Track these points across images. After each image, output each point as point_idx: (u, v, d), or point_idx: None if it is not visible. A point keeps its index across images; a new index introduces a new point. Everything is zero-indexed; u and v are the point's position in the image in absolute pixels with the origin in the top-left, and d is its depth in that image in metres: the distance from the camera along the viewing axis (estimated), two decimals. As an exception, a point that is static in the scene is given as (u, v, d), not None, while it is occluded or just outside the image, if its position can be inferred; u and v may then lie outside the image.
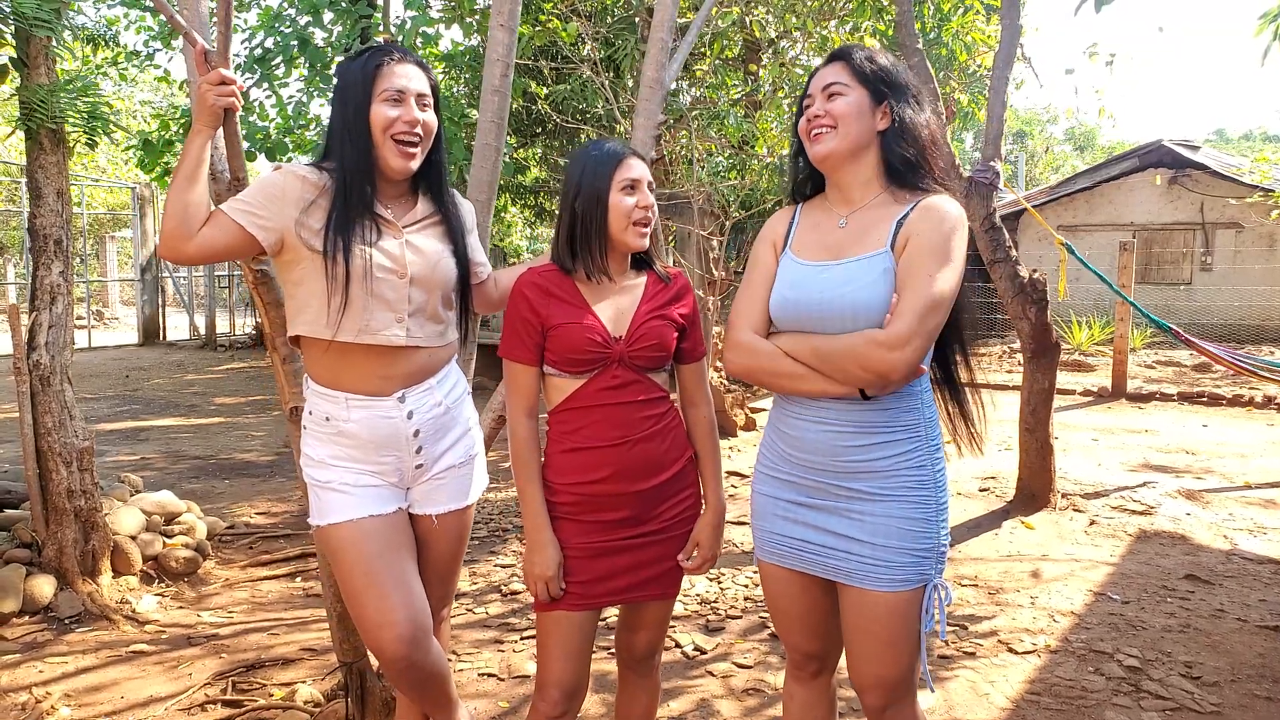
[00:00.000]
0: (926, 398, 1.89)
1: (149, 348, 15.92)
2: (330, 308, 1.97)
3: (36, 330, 3.80)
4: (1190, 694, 3.10)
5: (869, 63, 1.84)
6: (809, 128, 1.86)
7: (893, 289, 1.76)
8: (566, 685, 2.02)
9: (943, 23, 8.32)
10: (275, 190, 1.97)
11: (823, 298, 1.81)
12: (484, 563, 4.53)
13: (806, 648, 2.01)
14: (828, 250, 1.87)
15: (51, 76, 3.81)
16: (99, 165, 21.28)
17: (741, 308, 1.94)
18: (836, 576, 1.88)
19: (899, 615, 1.83)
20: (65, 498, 3.82)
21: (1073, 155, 37.22)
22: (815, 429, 1.86)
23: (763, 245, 1.98)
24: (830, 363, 1.78)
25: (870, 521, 1.83)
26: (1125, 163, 15.56)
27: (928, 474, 1.85)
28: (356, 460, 2.08)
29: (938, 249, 1.74)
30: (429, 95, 2.04)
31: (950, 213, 1.78)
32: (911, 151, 1.82)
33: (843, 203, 1.90)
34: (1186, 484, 6.02)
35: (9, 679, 3.20)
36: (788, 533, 1.93)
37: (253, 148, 7.72)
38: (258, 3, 8.80)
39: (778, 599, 2.00)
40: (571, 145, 11.40)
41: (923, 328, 1.70)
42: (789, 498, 1.92)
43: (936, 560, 1.85)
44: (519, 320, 2.00)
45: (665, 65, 2.77)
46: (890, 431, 1.83)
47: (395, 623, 2.03)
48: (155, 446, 7.46)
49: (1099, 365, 11.78)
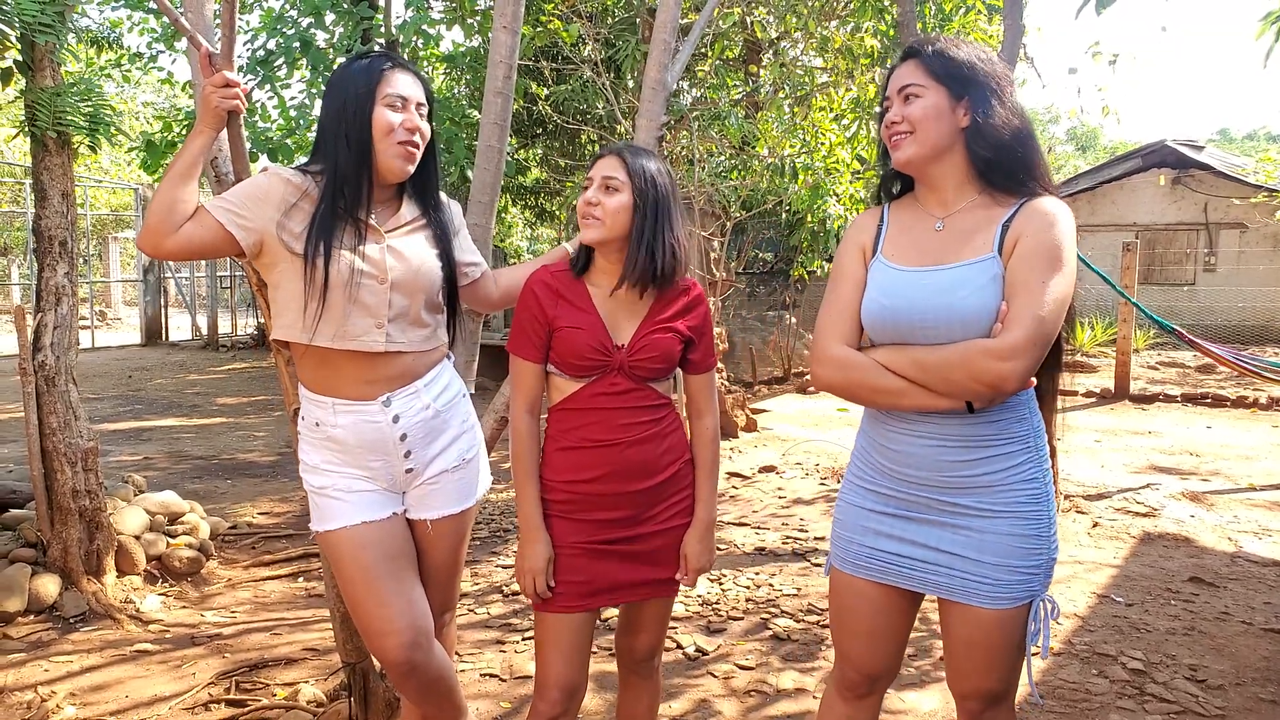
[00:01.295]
0: (1034, 406, 1.79)
1: (152, 348, 15.94)
2: (307, 312, 1.96)
3: (41, 331, 3.81)
4: (1195, 697, 3.09)
5: (943, 58, 1.72)
6: (888, 133, 1.78)
7: (1001, 296, 1.66)
8: (565, 685, 2.02)
9: (945, 23, 8.30)
10: (259, 192, 1.96)
11: (924, 305, 1.70)
12: (485, 563, 4.53)
13: (868, 667, 1.91)
14: (926, 255, 1.76)
15: (56, 79, 3.82)
16: (102, 167, 21.33)
17: (830, 318, 1.82)
18: (937, 592, 1.80)
19: (1004, 631, 1.75)
20: (70, 497, 3.83)
21: (1075, 155, 37.19)
22: (918, 443, 1.76)
23: (849, 250, 1.85)
24: (936, 375, 1.67)
25: (979, 538, 1.74)
26: (1128, 163, 15.57)
27: (1039, 487, 1.76)
28: (347, 465, 2.08)
29: (1050, 254, 1.64)
30: (426, 105, 2.05)
31: (1060, 215, 1.68)
32: (991, 150, 1.70)
33: (937, 204, 1.79)
34: (1191, 486, 6.02)
35: (14, 678, 3.21)
36: (877, 545, 1.84)
37: (255, 149, 7.74)
38: (260, 4, 8.82)
39: (848, 611, 1.91)
40: (572, 146, 11.41)
41: (1038, 336, 1.59)
42: (882, 510, 1.84)
43: (1045, 575, 1.77)
44: (527, 317, 2.01)
45: (668, 66, 2.77)
46: (1000, 444, 1.73)
47: (396, 630, 2.03)
48: (158, 446, 7.47)
49: (1102, 366, 11.77)
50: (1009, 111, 1.72)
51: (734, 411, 7.88)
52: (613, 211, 1.94)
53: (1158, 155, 15.07)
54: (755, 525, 5.16)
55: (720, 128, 8.20)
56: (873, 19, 7.95)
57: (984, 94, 1.71)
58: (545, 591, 2.01)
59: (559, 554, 2.02)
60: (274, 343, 2.41)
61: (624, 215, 1.95)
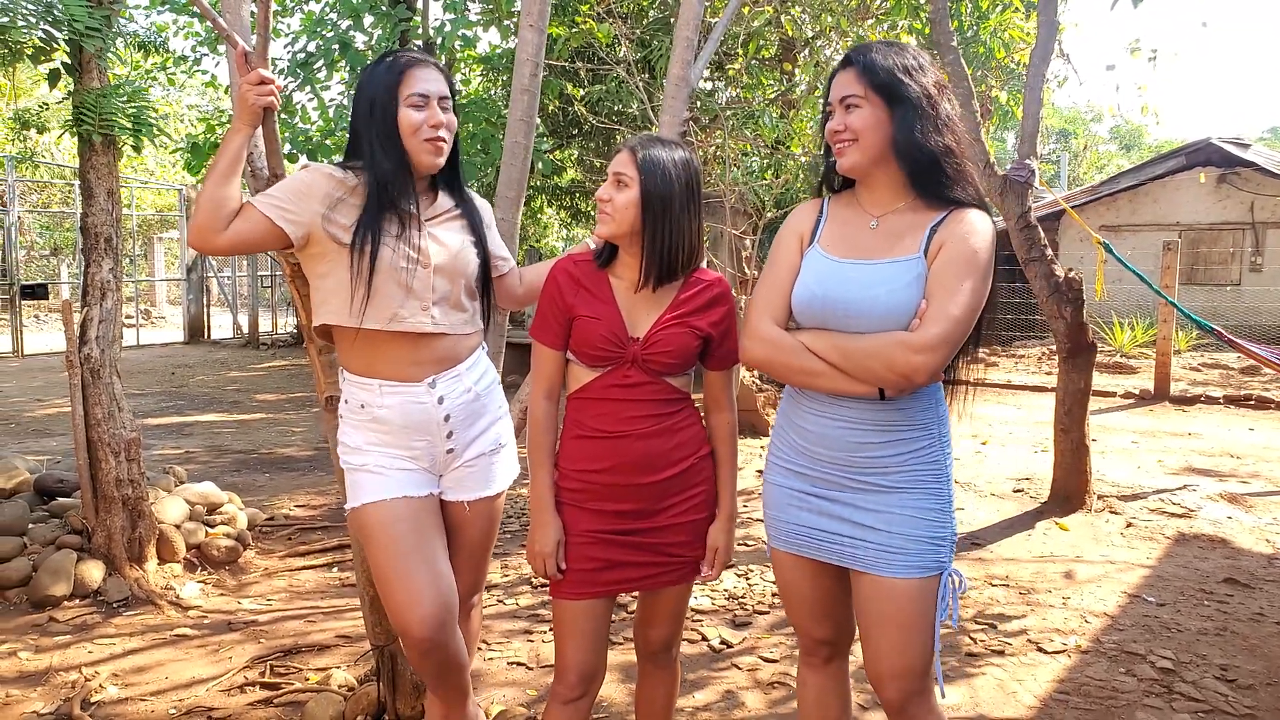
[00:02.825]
0: (939, 396, 1.93)
1: (194, 345, 16.27)
2: (354, 298, 2.05)
3: (87, 325, 3.93)
4: (1224, 696, 3.06)
5: (877, 70, 1.80)
6: (832, 139, 1.87)
7: (922, 294, 1.78)
8: (583, 670, 2.06)
9: (980, 20, 8.25)
10: (304, 187, 2.06)
11: (851, 295, 1.81)
12: (516, 555, 4.59)
13: (818, 633, 2.04)
14: (858, 249, 1.87)
15: (103, 81, 3.94)
16: (147, 168, 21.79)
17: (763, 298, 1.93)
18: (853, 564, 1.90)
19: (915, 602, 1.85)
20: (114, 486, 3.95)
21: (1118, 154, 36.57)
22: (831, 425, 1.88)
23: (787, 236, 1.98)
24: (854, 362, 1.78)
25: (885, 511, 1.86)
26: (1171, 161, 15.27)
27: (940, 468, 1.89)
28: (390, 445, 2.15)
29: (971, 260, 1.76)
30: (449, 98, 2.12)
31: (982, 226, 1.79)
32: (919, 162, 1.80)
33: (874, 204, 1.90)
34: (1229, 488, 5.92)
35: (60, 659, 3.33)
36: (801, 521, 1.95)
37: (295, 150, 7.89)
38: (301, 7, 8.99)
39: (790, 586, 2.04)
40: (608, 146, 11.47)
41: (952, 335, 1.72)
42: (801, 488, 1.95)
43: (949, 548, 1.89)
44: (548, 303, 2.07)
45: (690, 64, 2.80)
46: (906, 429, 1.86)
47: (422, 603, 2.08)
48: (199, 441, 7.64)
49: (1142, 367, 11.59)
50: (938, 125, 1.81)
51: (764, 410, 7.88)
52: (621, 207, 1.99)
53: (1202, 153, 14.76)
54: (784, 522, 5.16)
55: (754, 127, 8.20)
56: (907, 17, 7.91)
57: (913, 108, 1.79)
58: (555, 573, 2.06)
59: (571, 541, 2.06)
60: (309, 332, 2.49)
61: (632, 210, 1.98)
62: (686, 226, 2.02)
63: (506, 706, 2.99)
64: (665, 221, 1.99)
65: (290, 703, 2.99)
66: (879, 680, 1.91)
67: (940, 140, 1.80)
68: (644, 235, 2.00)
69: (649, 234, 1.99)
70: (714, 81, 10.03)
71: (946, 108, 1.83)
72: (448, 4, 7.93)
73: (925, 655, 1.88)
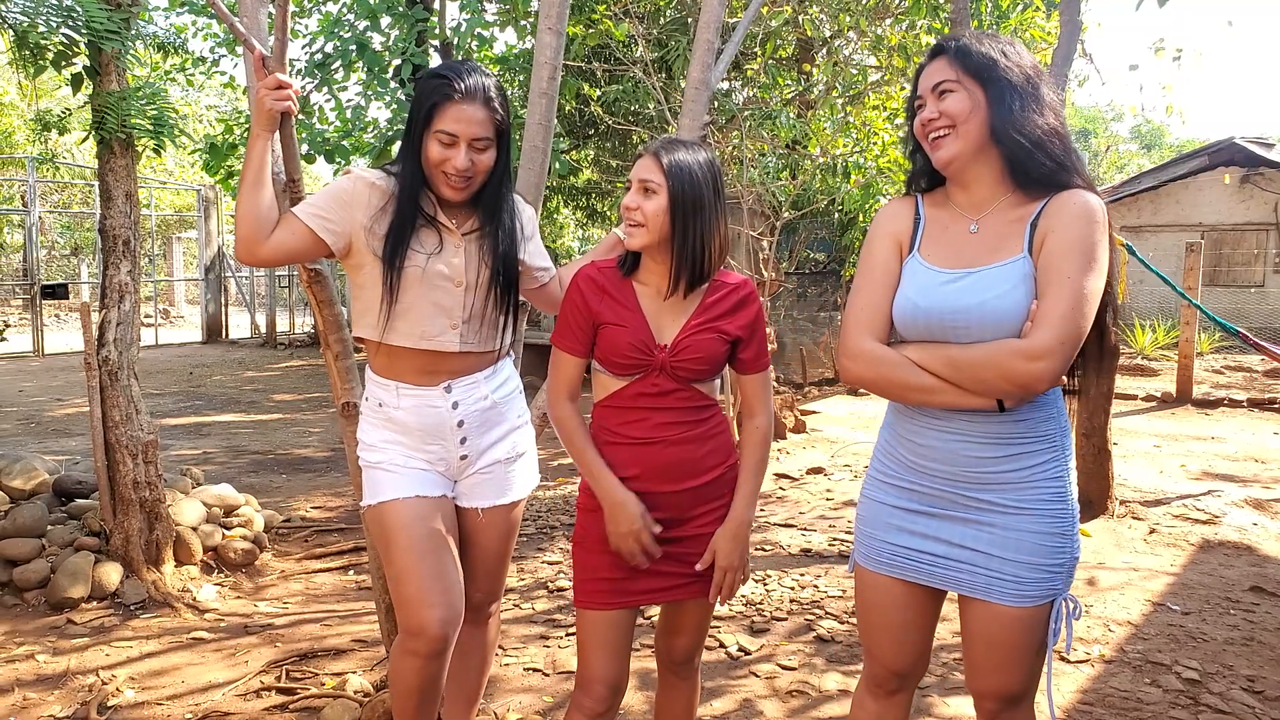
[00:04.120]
0: (1061, 405, 1.80)
1: (212, 345, 16.37)
2: (381, 311, 2.05)
3: (106, 327, 3.94)
4: (1251, 708, 3.01)
5: (971, 54, 1.70)
6: (925, 131, 1.75)
7: (1032, 295, 1.66)
8: (608, 681, 2.03)
9: (1001, 20, 8.17)
10: (345, 195, 2.05)
11: (957, 306, 1.71)
12: (532, 559, 4.58)
13: (895, 664, 1.91)
14: (961, 257, 1.75)
15: (122, 84, 3.95)
16: (167, 168, 21.95)
17: (861, 312, 1.81)
18: (959, 589, 1.80)
19: (1026, 629, 1.75)
20: (131, 489, 3.95)
21: (1139, 154, 36.25)
22: (946, 439, 1.76)
23: (883, 242, 1.84)
24: (967, 374, 1.68)
25: (1002, 534, 1.74)
26: (1194, 161, 15.12)
27: (1064, 485, 1.75)
28: (406, 445, 2.16)
29: (1077, 247, 1.63)
30: (487, 138, 2.03)
31: (1088, 205, 1.66)
32: (1023, 147, 1.68)
33: (971, 206, 1.78)
34: (1254, 493, 5.83)
35: (78, 661, 3.33)
36: (901, 542, 1.84)
37: (313, 151, 7.91)
38: (319, 8, 9.01)
39: (875, 609, 1.90)
40: (624, 147, 11.46)
41: (1068, 334, 1.59)
42: (907, 506, 1.84)
43: (1068, 574, 1.77)
44: (571, 311, 2.03)
45: (711, 66, 2.78)
46: (1028, 442, 1.73)
47: (439, 605, 2.07)
48: (216, 441, 7.67)
49: (1164, 370, 11.46)
50: (1041, 106, 1.70)
51: (783, 413, 7.84)
52: (653, 215, 1.94)
53: (1225, 153, 14.60)
54: (802, 527, 5.13)
55: (772, 127, 8.16)
56: (926, 16, 7.85)
57: (1014, 90, 1.68)
58: (653, 546, 1.98)
59: (597, 548, 2.03)
60: (325, 338, 2.48)
61: (663, 218, 1.94)
62: (715, 229, 1.98)
63: (522, 713, 2.98)
64: (695, 226, 1.94)
65: (306, 708, 2.98)
66: (978, 695, 1.84)
67: (1045, 121, 1.69)
68: (673, 241, 1.95)
69: (679, 240, 1.94)
70: (731, 81, 9.99)
71: (1047, 91, 1.72)
72: (464, 4, 7.92)
73: (1031, 678, 1.80)
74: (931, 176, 1.85)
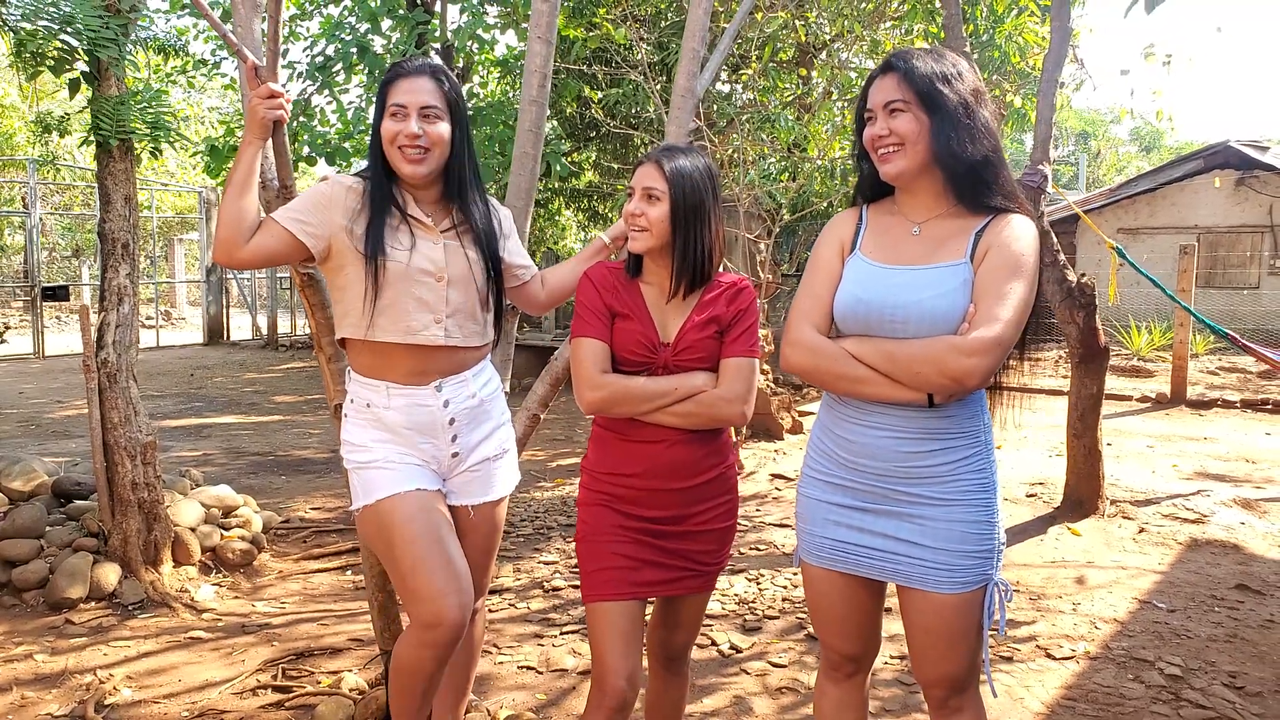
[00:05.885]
0: (984, 404, 1.92)
1: (213, 347, 16.43)
2: (364, 308, 2.09)
3: (104, 330, 3.99)
4: (1231, 703, 3.05)
5: (919, 76, 1.79)
6: (874, 145, 1.84)
7: (969, 299, 1.77)
8: (626, 674, 2.02)
9: (996, 24, 8.23)
10: (323, 199, 2.11)
11: (896, 300, 1.80)
12: (529, 559, 4.62)
13: (846, 650, 2.02)
14: (902, 255, 1.86)
15: (121, 88, 4.00)
16: (168, 170, 22.00)
17: (803, 305, 1.91)
18: (895, 579, 1.89)
19: (963, 615, 1.85)
20: (130, 490, 4.00)
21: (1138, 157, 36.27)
22: (875, 434, 1.85)
23: (827, 245, 1.95)
24: (903, 367, 1.76)
25: (933, 526, 1.84)
26: (1189, 164, 15.14)
27: (987, 477, 1.87)
28: (397, 444, 2.19)
29: (1017, 262, 1.75)
30: (436, 106, 2.09)
31: (1027, 231, 1.79)
32: (961, 168, 1.79)
33: (915, 211, 1.89)
34: (1244, 493, 5.87)
35: (76, 661, 3.38)
36: (837, 536, 1.93)
37: (314, 153, 7.95)
38: (319, 11, 9.06)
39: (821, 601, 2.00)
40: (625, 149, 11.50)
41: (1004, 336, 1.71)
42: (840, 501, 1.92)
43: (996, 559, 1.88)
44: (588, 303, 2.09)
45: (696, 75, 2.82)
46: (954, 437, 1.84)
47: (452, 590, 2.08)
48: (217, 443, 7.72)
49: (1159, 371, 11.50)
50: (974, 134, 1.79)
51: (779, 413, 7.88)
52: (656, 220, 2.02)
53: (1220, 156, 14.63)
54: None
55: (770, 130, 8.21)
56: (923, 21, 7.91)
57: (954, 119, 1.78)
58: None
59: (604, 539, 2.08)
60: (319, 340, 2.53)
61: (666, 223, 2.03)
62: (714, 233, 2.07)
63: (516, 711, 3.02)
64: (696, 231, 2.03)
65: (301, 706, 3.02)
66: (926, 684, 1.94)
67: (977, 150, 1.79)
68: (675, 245, 2.04)
69: (680, 244, 2.03)
70: (730, 84, 10.04)
71: (984, 116, 1.81)
72: (465, 7, 7.97)
73: (972, 661, 1.89)
74: (876, 185, 1.95)
